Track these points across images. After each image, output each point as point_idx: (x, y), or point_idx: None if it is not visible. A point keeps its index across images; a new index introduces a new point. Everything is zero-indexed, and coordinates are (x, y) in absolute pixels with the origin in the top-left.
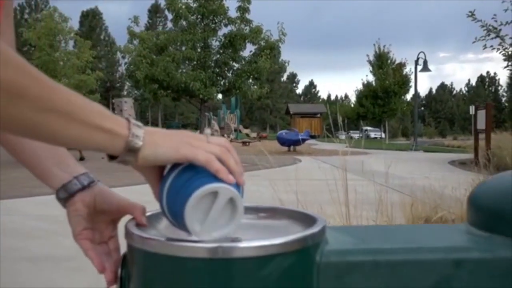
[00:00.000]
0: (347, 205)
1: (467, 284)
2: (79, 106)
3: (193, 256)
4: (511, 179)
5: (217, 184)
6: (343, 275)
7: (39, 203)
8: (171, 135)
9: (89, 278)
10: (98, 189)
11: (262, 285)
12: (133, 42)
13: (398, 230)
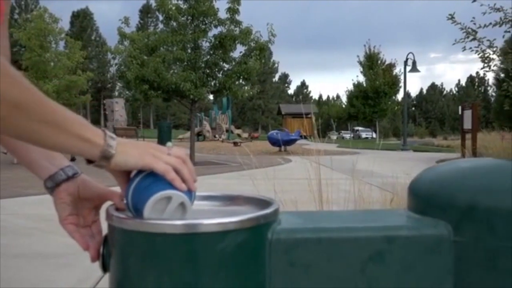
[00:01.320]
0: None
1: (397, 257)
2: (64, 118)
3: (164, 231)
4: (442, 170)
5: (171, 191)
6: (290, 250)
7: (29, 203)
8: (138, 146)
9: (78, 274)
10: (81, 179)
11: (222, 256)
12: (124, 43)
13: (343, 213)
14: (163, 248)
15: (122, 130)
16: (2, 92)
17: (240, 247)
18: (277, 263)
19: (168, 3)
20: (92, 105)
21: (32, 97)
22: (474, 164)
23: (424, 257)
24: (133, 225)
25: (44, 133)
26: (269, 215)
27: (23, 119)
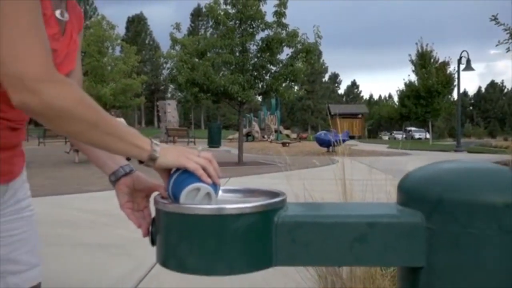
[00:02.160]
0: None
1: (379, 239)
2: (122, 130)
3: (195, 213)
4: (425, 169)
5: (199, 184)
6: (292, 231)
7: (89, 199)
8: (175, 150)
9: (133, 262)
10: (136, 175)
11: (238, 233)
12: (175, 48)
13: (340, 204)
14: (194, 225)
15: (174, 130)
16: (82, 114)
17: (252, 226)
18: (282, 241)
19: (217, 9)
20: (146, 107)
21: (100, 116)
22: (450, 165)
23: (401, 240)
24: (172, 208)
25: (108, 142)
26: (276, 203)
27: (94, 133)
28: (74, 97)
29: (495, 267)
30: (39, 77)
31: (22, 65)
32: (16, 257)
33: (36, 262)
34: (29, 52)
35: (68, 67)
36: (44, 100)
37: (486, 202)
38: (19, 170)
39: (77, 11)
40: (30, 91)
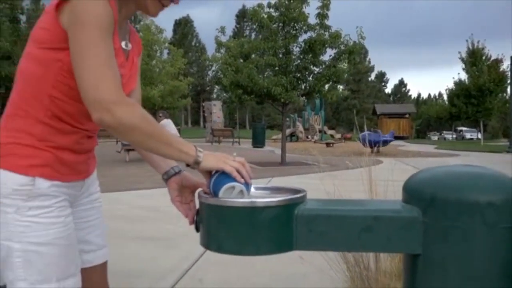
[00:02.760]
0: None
1: (382, 230)
2: (172, 139)
3: (230, 206)
4: (426, 172)
5: (234, 183)
6: (309, 222)
7: (140, 196)
8: (215, 156)
9: (181, 254)
10: (184, 174)
11: (264, 222)
12: (220, 51)
13: (353, 201)
14: (230, 215)
15: (219, 131)
16: (143, 128)
17: (276, 217)
18: (300, 230)
19: (261, 12)
20: (193, 107)
21: (154, 127)
22: (445, 169)
23: (401, 231)
24: (213, 202)
25: (161, 148)
26: (297, 198)
27: (152, 141)
28: (138, 115)
29: (479, 256)
30: (113, 100)
31: (100, 91)
32: (90, 239)
33: (104, 244)
34: (106, 81)
35: (130, 87)
36: (117, 118)
37: (471, 201)
38: (92, 169)
39: (137, 38)
40: (106, 111)
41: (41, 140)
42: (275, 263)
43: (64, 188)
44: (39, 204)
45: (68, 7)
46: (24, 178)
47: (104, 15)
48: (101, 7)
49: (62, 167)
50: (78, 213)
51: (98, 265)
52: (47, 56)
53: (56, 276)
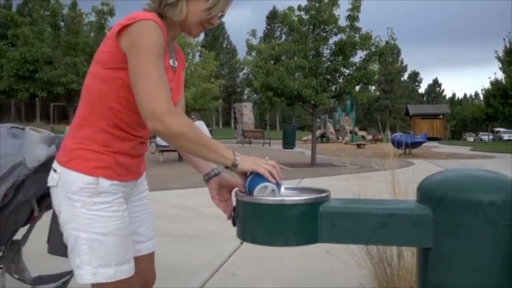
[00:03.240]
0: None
1: (396, 226)
2: (213, 144)
3: (263, 203)
4: (438, 175)
5: (267, 183)
6: (332, 218)
7: (174, 195)
8: (250, 159)
9: (214, 251)
10: (222, 175)
11: (293, 218)
12: (251, 54)
13: (371, 200)
14: (263, 211)
15: (250, 132)
16: (189, 135)
17: (303, 214)
18: (324, 225)
19: (291, 15)
20: (224, 108)
21: (199, 135)
22: (454, 172)
23: (414, 227)
24: (248, 199)
25: (204, 152)
26: (321, 198)
27: (196, 147)
28: (186, 124)
29: (483, 250)
30: (164, 112)
31: (154, 104)
32: (140, 231)
33: (152, 236)
34: (158, 96)
35: (177, 98)
36: (168, 127)
37: (475, 201)
38: (143, 171)
39: (181, 55)
40: (159, 121)
41: (104, 146)
42: (304, 260)
43: (121, 187)
44: (102, 200)
45: (126, 33)
46: (90, 178)
47: (156, 41)
48: (154, 34)
49: (120, 169)
50: (131, 209)
51: (147, 255)
52: (110, 75)
53: (115, 262)
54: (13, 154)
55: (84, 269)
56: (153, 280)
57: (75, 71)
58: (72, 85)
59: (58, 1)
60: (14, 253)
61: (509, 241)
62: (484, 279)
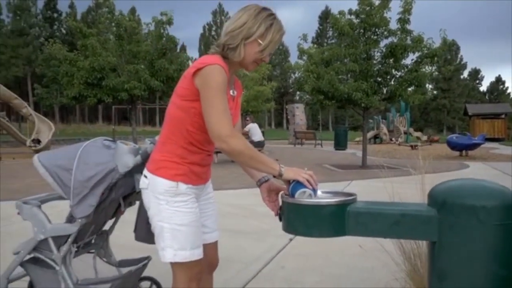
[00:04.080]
0: None
1: (407, 224)
2: (264, 159)
3: (302, 204)
4: (444, 183)
5: (305, 189)
6: (357, 217)
7: (229, 195)
8: (292, 170)
9: (266, 245)
10: (271, 181)
11: (326, 216)
12: (303, 58)
13: (389, 202)
14: (302, 211)
15: (302, 133)
16: (246, 153)
17: (333, 213)
18: (351, 221)
19: (341, 20)
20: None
21: (253, 152)
22: (455, 182)
23: (422, 225)
24: (291, 201)
25: (257, 165)
26: (348, 200)
27: (251, 161)
28: (243, 144)
29: (476, 244)
30: (227, 135)
31: (220, 129)
32: (207, 224)
33: (216, 228)
34: (222, 122)
35: (235, 120)
36: (230, 146)
37: (469, 205)
38: (209, 177)
39: (239, 84)
40: (223, 142)
41: (182, 158)
42: (348, 257)
43: (193, 189)
44: (180, 199)
45: (199, 75)
46: (171, 183)
47: (221, 81)
48: (220, 76)
49: (193, 176)
50: (200, 206)
51: (212, 243)
52: (186, 105)
53: (189, 246)
54: (107, 162)
55: (167, 251)
56: (216, 263)
57: (137, 77)
58: (134, 90)
59: (121, 13)
60: (103, 240)
61: (497, 237)
62: (478, 266)
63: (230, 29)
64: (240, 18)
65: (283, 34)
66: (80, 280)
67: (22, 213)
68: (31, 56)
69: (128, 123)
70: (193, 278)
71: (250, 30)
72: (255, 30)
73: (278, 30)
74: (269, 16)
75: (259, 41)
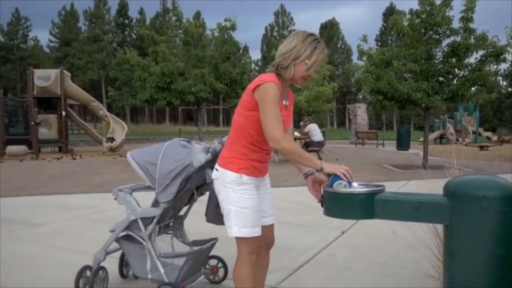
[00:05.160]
0: None
1: (425, 210)
2: (309, 156)
3: (340, 192)
4: (457, 177)
5: (342, 181)
6: (383, 203)
7: (287, 192)
8: (332, 165)
9: (318, 237)
10: (315, 174)
11: (359, 202)
12: (362, 59)
13: (413, 193)
14: (339, 198)
15: (363, 133)
16: (295, 152)
17: (363, 200)
18: (378, 207)
19: (402, 21)
20: (338, 108)
21: (300, 151)
22: (466, 177)
23: (436, 211)
24: (330, 190)
25: (304, 162)
26: (376, 190)
27: (298, 158)
28: (292, 145)
29: (480, 227)
30: (279, 137)
31: (274, 133)
32: (265, 209)
33: (272, 214)
34: (275, 127)
35: (287, 126)
36: (281, 146)
37: (473, 195)
38: (267, 171)
39: (291, 95)
40: (276, 143)
41: (245, 155)
42: (394, 249)
43: (254, 180)
44: (243, 188)
45: (258, 90)
46: (236, 175)
47: (275, 95)
48: (274, 91)
49: (254, 170)
50: (259, 195)
51: (269, 225)
52: (248, 114)
53: (250, 225)
54: (184, 158)
55: (233, 228)
56: (272, 242)
57: (203, 81)
58: (200, 93)
59: (188, 21)
60: (180, 224)
61: (498, 222)
62: (481, 246)
63: (282, 52)
64: (291, 43)
65: (326, 54)
66: (161, 254)
67: (118, 198)
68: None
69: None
70: (253, 251)
71: (299, 53)
72: (302, 52)
73: (321, 51)
74: (314, 41)
75: (306, 61)
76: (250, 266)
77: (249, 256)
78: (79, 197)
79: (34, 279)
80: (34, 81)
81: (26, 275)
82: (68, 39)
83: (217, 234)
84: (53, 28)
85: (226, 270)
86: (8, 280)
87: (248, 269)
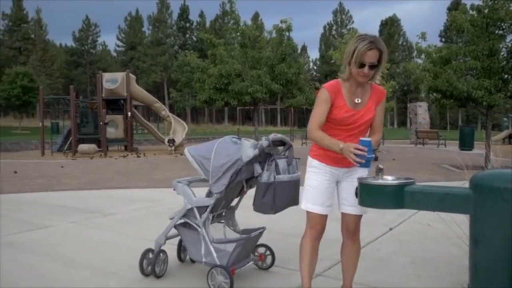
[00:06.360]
0: None
1: (451, 201)
2: (331, 140)
3: (373, 184)
4: (482, 172)
5: (365, 138)
6: (411, 194)
7: None
8: (346, 149)
9: (367, 232)
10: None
11: (390, 192)
12: (421, 57)
13: (440, 186)
14: (372, 189)
15: (424, 133)
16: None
17: (394, 191)
18: (408, 198)
19: (462, 18)
20: (399, 107)
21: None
22: (489, 171)
23: (461, 202)
24: (364, 182)
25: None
26: (406, 183)
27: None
28: (317, 133)
29: (501, 217)
30: (309, 128)
31: (309, 125)
32: (346, 197)
33: (353, 204)
34: (311, 121)
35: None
36: (309, 135)
37: (495, 187)
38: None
39: (375, 91)
40: (308, 133)
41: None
42: (439, 246)
43: (328, 168)
44: (313, 170)
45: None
46: (311, 159)
47: (323, 97)
48: (322, 94)
49: (327, 158)
50: (343, 184)
51: (349, 214)
52: None
53: (312, 202)
54: (235, 153)
55: (302, 202)
56: (352, 230)
57: (259, 82)
58: (256, 94)
59: (246, 24)
60: (231, 213)
61: None
62: (501, 234)
63: (344, 57)
64: (347, 48)
65: (366, 49)
66: (214, 240)
67: (176, 189)
68: (167, 63)
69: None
70: (312, 226)
71: (349, 54)
72: (350, 53)
73: (362, 46)
74: (358, 40)
75: (353, 60)
76: (308, 239)
77: (309, 229)
78: (143, 191)
79: (105, 259)
80: (103, 84)
81: (98, 256)
82: (133, 43)
83: (266, 226)
84: (120, 33)
85: (273, 257)
86: (84, 259)
87: (306, 240)
